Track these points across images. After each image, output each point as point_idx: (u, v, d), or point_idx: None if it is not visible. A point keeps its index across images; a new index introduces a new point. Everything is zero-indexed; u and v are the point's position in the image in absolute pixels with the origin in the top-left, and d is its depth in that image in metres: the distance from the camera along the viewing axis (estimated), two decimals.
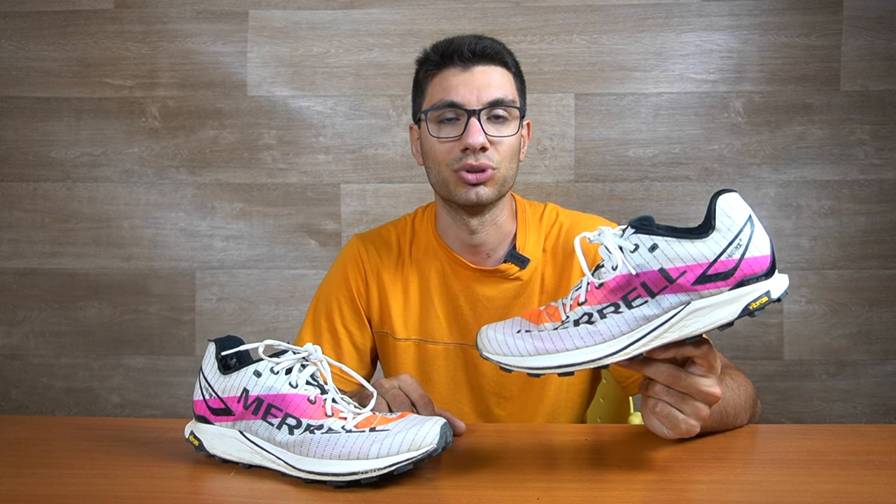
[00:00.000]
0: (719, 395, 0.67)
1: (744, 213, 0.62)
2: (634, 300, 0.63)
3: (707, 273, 0.61)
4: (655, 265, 0.62)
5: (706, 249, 0.61)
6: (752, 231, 0.61)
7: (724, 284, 0.61)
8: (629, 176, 1.78)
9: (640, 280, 0.62)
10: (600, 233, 0.65)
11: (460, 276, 1.04)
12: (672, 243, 0.62)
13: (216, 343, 0.73)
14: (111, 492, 0.65)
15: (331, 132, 1.82)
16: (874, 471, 0.67)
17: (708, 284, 0.61)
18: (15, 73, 1.84)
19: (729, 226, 0.61)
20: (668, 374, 0.66)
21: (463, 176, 0.95)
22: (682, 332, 0.62)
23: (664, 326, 0.62)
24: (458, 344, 1.04)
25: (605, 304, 0.64)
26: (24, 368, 1.86)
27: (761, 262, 0.61)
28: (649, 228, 0.63)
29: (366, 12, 1.80)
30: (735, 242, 0.61)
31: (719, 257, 0.61)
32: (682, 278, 0.61)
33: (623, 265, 0.63)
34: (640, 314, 0.62)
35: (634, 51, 1.77)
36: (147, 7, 1.82)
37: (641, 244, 0.63)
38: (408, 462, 0.62)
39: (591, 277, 0.66)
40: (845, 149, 1.75)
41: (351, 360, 1.07)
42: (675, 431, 0.69)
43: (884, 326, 1.75)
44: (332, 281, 1.11)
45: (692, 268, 0.61)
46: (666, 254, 0.62)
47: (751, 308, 0.61)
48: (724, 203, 0.62)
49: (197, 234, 1.84)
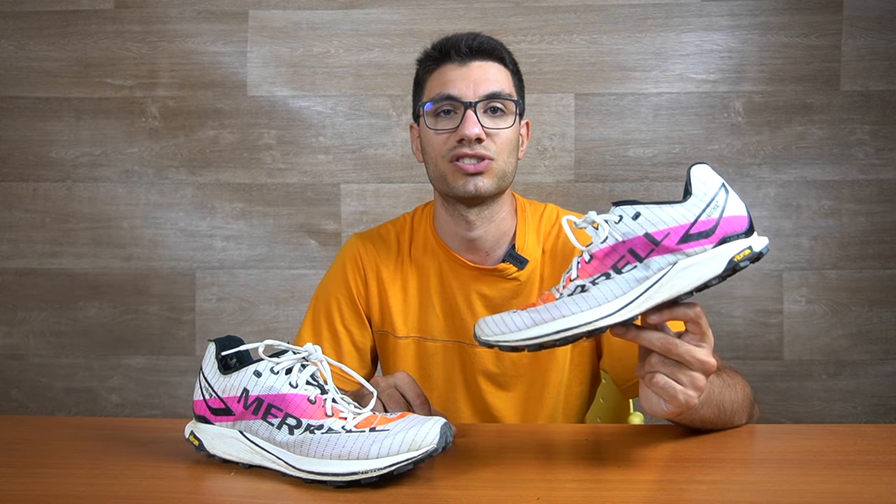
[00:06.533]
0: (714, 364, 0.68)
1: (717, 180, 0.67)
2: (624, 266, 0.65)
3: (689, 232, 0.64)
4: (640, 231, 0.65)
5: (686, 211, 0.65)
6: (726, 195, 0.66)
7: (708, 242, 0.64)
8: (629, 176, 1.78)
9: (627, 247, 0.66)
10: (586, 216, 0.69)
11: (459, 275, 1.04)
12: (653, 209, 0.66)
13: (216, 343, 0.73)
14: (111, 492, 0.65)
15: (331, 132, 1.82)
16: (874, 471, 0.67)
17: (692, 243, 0.64)
18: (15, 73, 1.84)
19: (705, 191, 0.66)
20: (663, 341, 0.67)
21: (461, 166, 0.95)
22: (672, 290, 0.64)
23: (655, 286, 0.64)
24: (455, 342, 1.04)
25: (597, 275, 0.66)
26: (24, 368, 1.86)
27: (740, 220, 0.65)
28: (630, 202, 0.67)
29: (366, 12, 1.80)
30: (712, 203, 0.65)
31: (699, 217, 0.65)
32: (667, 240, 0.64)
33: (610, 236, 0.66)
34: (631, 277, 0.65)
35: (634, 51, 1.77)
36: (147, 7, 1.82)
37: (625, 214, 0.67)
38: (408, 462, 0.62)
39: (583, 248, 0.68)
40: (845, 149, 1.75)
41: (351, 360, 1.07)
42: (674, 403, 0.68)
43: (884, 326, 1.75)
44: (332, 280, 1.10)
45: (675, 229, 0.65)
46: (649, 219, 0.65)
47: (735, 260, 0.64)
48: (697, 172, 0.67)
49: (197, 234, 1.84)
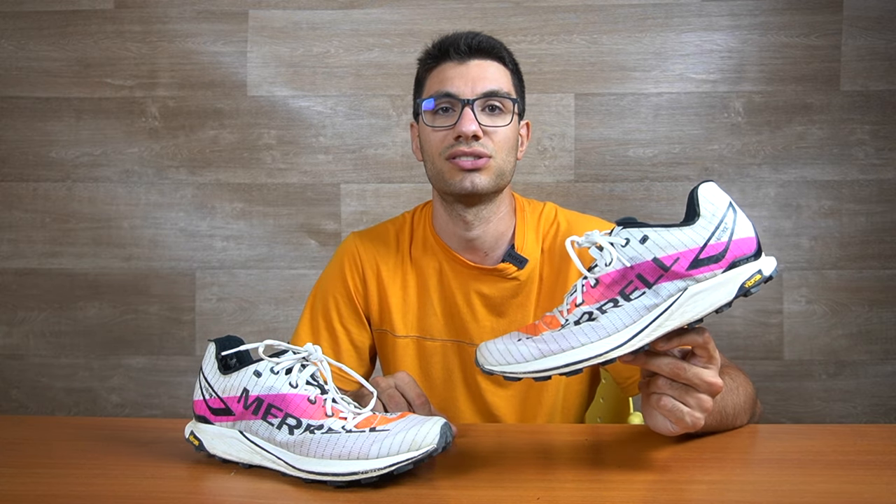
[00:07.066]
0: (721, 385, 0.67)
1: (724, 199, 0.65)
2: (632, 293, 0.64)
3: (699, 257, 0.63)
4: (648, 255, 0.63)
5: (695, 235, 0.63)
6: (734, 216, 0.64)
7: (717, 267, 0.63)
8: (629, 176, 1.78)
9: (635, 272, 0.64)
10: (588, 235, 0.67)
11: (458, 274, 1.04)
12: (661, 232, 0.64)
13: (216, 343, 0.73)
14: (111, 492, 0.65)
15: (331, 132, 1.82)
16: (874, 471, 0.67)
17: (702, 268, 0.63)
18: (15, 73, 1.84)
19: (713, 212, 0.64)
20: (672, 365, 0.66)
21: (458, 163, 0.95)
22: (683, 317, 0.63)
23: (666, 314, 0.63)
24: (454, 341, 1.04)
25: (604, 301, 0.64)
26: (24, 368, 1.86)
27: (748, 243, 0.64)
28: (636, 224, 0.65)
29: (366, 12, 1.80)
30: (721, 226, 0.63)
31: (709, 241, 0.63)
32: (676, 265, 0.63)
33: (617, 260, 0.64)
34: (641, 305, 0.63)
35: (634, 51, 1.77)
36: (147, 7, 1.82)
37: (632, 237, 0.65)
38: (408, 462, 0.62)
39: (587, 273, 0.66)
40: (845, 149, 1.75)
41: (349, 359, 1.07)
42: (681, 426, 0.68)
43: (884, 326, 1.75)
44: (329, 279, 1.10)
45: (684, 254, 0.63)
46: (657, 243, 0.63)
47: (746, 286, 0.63)
48: (704, 191, 0.65)
49: (197, 234, 1.84)
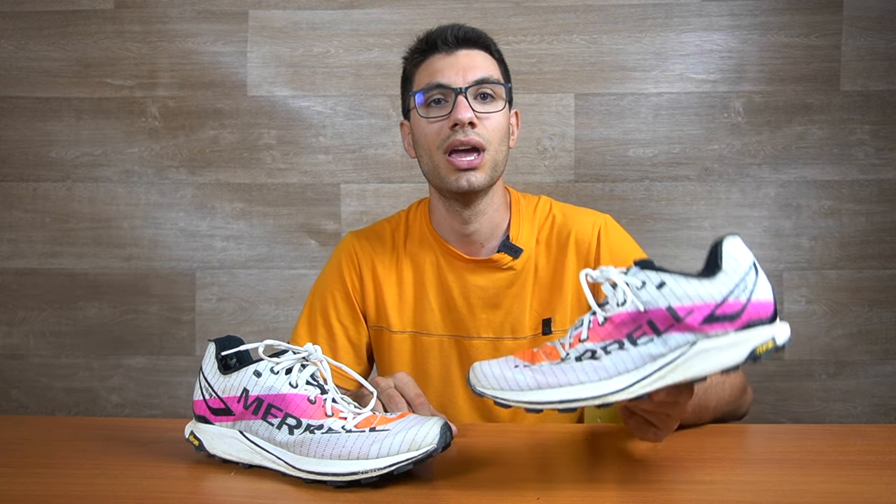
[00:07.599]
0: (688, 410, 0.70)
1: (748, 257, 0.62)
2: (639, 338, 0.61)
3: (715, 313, 0.60)
4: (663, 303, 0.61)
5: (714, 290, 0.60)
6: (756, 276, 0.61)
7: (731, 326, 0.60)
8: (629, 176, 1.77)
9: (646, 318, 0.61)
10: (602, 271, 0.64)
11: (454, 268, 1.04)
12: (680, 281, 0.61)
13: (216, 343, 0.73)
14: (111, 492, 0.65)
15: (331, 132, 1.82)
16: (874, 471, 0.67)
17: (715, 325, 0.60)
18: (15, 73, 1.84)
19: (735, 268, 0.61)
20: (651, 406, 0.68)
21: (454, 161, 0.95)
22: (686, 373, 0.60)
23: (670, 366, 0.60)
24: (451, 336, 1.05)
25: (609, 342, 0.62)
26: (24, 368, 1.86)
27: (766, 306, 0.61)
28: (655, 267, 0.63)
29: (366, 12, 1.80)
30: (741, 285, 0.60)
31: (727, 298, 0.60)
32: (690, 317, 0.60)
33: (630, 302, 0.62)
34: (646, 352, 0.61)
35: (634, 51, 1.76)
36: (147, 7, 1.82)
37: (649, 281, 0.62)
38: (408, 462, 0.62)
39: (597, 309, 0.64)
40: (845, 149, 1.75)
41: (346, 356, 1.08)
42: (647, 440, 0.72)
43: (884, 326, 1.75)
44: (327, 277, 1.11)
45: (700, 307, 0.60)
46: (674, 291, 0.61)
47: (757, 352, 0.60)
48: (729, 246, 0.62)
49: (197, 234, 1.84)
